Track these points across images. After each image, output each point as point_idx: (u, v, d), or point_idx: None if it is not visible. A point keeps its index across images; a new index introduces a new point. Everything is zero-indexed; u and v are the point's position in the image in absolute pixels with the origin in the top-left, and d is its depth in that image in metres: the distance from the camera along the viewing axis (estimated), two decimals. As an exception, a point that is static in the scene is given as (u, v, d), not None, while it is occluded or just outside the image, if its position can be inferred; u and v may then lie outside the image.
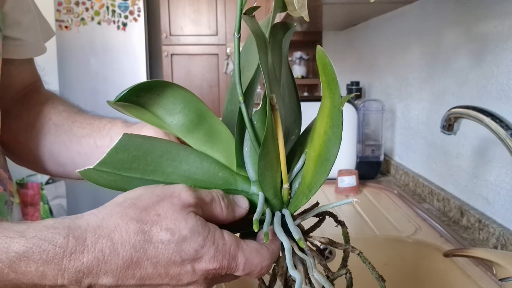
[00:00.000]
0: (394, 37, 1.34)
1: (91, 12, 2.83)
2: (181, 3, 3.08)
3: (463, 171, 0.93)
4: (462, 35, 0.92)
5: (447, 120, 0.66)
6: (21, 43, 0.54)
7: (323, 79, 0.34)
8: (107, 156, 0.34)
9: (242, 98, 0.35)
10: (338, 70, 1.11)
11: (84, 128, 0.53)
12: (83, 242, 0.29)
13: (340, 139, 0.33)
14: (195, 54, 3.15)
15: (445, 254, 0.56)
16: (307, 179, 0.36)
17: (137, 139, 0.36)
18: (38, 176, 3.18)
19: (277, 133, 0.36)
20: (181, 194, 0.33)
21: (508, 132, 0.55)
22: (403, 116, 1.28)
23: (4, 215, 0.50)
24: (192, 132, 0.37)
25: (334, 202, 0.37)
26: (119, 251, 0.30)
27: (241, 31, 0.34)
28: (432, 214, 0.96)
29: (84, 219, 0.31)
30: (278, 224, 0.35)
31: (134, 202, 0.32)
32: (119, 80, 2.89)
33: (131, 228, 0.30)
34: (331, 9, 1.34)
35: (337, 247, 0.38)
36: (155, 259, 0.30)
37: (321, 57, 0.34)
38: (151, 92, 0.35)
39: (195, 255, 0.31)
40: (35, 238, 0.28)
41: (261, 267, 0.33)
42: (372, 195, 1.15)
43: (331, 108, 0.34)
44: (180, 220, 0.31)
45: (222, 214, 0.34)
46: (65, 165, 0.54)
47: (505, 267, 0.49)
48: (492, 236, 0.78)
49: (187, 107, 0.36)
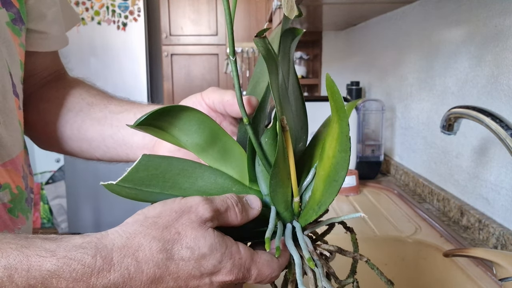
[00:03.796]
0: (394, 37, 1.34)
1: (91, 12, 2.83)
2: (181, 3, 3.08)
3: (463, 171, 0.93)
4: (462, 35, 0.92)
5: (447, 120, 0.66)
6: (45, 36, 0.55)
7: (332, 103, 0.36)
8: (127, 175, 0.37)
9: (247, 120, 0.37)
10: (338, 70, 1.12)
11: (122, 105, 0.55)
12: (110, 261, 0.31)
13: (348, 163, 0.35)
14: (195, 54, 3.15)
15: (445, 254, 0.56)
16: (317, 196, 0.38)
17: (156, 159, 0.39)
18: (38, 176, 3.18)
19: (288, 153, 0.38)
20: (198, 208, 0.34)
21: (508, 132, 0.55)
22: (403, 116, 1.28)
23: (25, 213, 0.50)
24: (206, 151, 0.40)
25: (343, 215, 0.39)
26: (143, 269, 0.32)
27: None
28: (432, 214, 0.96)
29: (109, 239, 0.32)
30: (289, 237, 0.38)
31: (155, 221, 0.34)
32: (119, 80, 2.89)
33: (154, 247, 0.32)
34: (331, 9, 1.34)
35: (345, 255, 0.39)
36: (176, 274, 0.33)
37: (330, 85, 0.36)
38: (168, 115, 0.37)
39: (213, 270, 0.34)
40: (65, 258, 0.30)
41: (270, 277, 0.36)
42: (372, 195, 1.15)
43: (340, 134, 0.36)
44: (200, 238, 0.33)
45: (237, 219, 0.36)
46: (91, 139, 0.55)
47: (505, 267, 0.49)
48: (492, 236, 0.78)
49: (201, 128, 0.39)
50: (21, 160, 0.50)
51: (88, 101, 0.56)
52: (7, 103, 0.47)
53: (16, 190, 0.48)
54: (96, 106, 0.55)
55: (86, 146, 0.56)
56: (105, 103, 0.56)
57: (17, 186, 0.48)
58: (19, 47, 0.50)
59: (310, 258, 0.35)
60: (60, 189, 3.17)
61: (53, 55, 0.60)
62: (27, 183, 0.52)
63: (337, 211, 1.03)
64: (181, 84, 3.16)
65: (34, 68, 0.57)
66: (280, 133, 0.35)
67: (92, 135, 0.55)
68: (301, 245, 0.36)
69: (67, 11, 0.61)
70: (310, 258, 0.35)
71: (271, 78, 0.35)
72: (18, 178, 0.49)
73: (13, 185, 0.48)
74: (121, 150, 0.54)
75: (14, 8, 0.49)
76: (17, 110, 0.49)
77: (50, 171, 3.22)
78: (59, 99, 0.57)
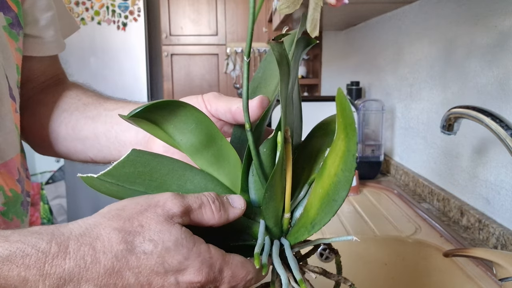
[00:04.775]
0: (394, 37, 1.34)
1: (91, 12, 2.83)
2: (181, 3, 3.08)
3: (463, 171, 0.93)
4: (462, 35, 0.92)
5: (447, 120, 0.66)
6: (40, 41, 0.55)
7: (340, 120, 0.34)
8: (112, 169, 0.35)
9: (249, 126, 0.34)
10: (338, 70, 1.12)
11: (118, 103, 0.53)
12: (66, 249, 0.29)
13: (351, 183, 0.33)
14: (195, 54, 3.15)
15: (445, 254, 0.56)
16: (311, 214, 0.36)
17: (145, 155, 0.36)
18: (38, 176, 3.18)
19: (287, 165, 0.36)
20: (166, 203, 0.32)
21: (508, 132, 0.55)
22: (403, 116, 1.28)
23: (20, 216, 0.49)
24: (200, 153, 0.37)
25: (333, 237, 0.37)
26: (100, 260, 0.30)
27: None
28: (432, 214, 0.96)
29: (68, 228, 0.31)
30: (277, 254, 0.35)
31: (118, 213, 0.32)
32: (119, 80, 2.89)
33: (113, 237, 0.30)
34: (331, 9, 1.34)
35: (329, 278, 0.37)
36: (137, 269, 0.30)
37: (341, 100, 0.33)
38: (164, 110, 0.35)
39: (179, 267, 0.31)
40: (18, 242, 0.29)
41: (245, 280, 0.34)
42: (372, 195, 1.15)
43: (345, 152, 0.33)
44: (164, 232, 0.31)
45: (214, 218, 0.34)
46: (85, 138, 0.53)
47: (505, 267, 0.49)
48: (492, 236, 0.78)
49: (198, 128, 0.36)
50: (16, 163, 0.49)
51: (84, 101, 0.55)
52: (3, 106, 0.46)
53: (9, 193, 0.47)
54: (91, 105, 0.54)
55: (81, 146, 0.55)
56: (100, 101, 0.55)
57: (11, 189, 0.48)
58: (15, 51, 0.50)
59: (301, 280, 0.33)
60: (60, 189, 3.17)
61: (50, 60, 0.59)
62: (23, 187, 0.51)
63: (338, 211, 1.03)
64: (181, 84, 3.16)
65: (31, 73, 0.57)
66: (282, 144, 0.34)
67: (86, 134, 0.53)
68: (291, 265, 0.34)
69: (65, 18, 0.60)
70: (301, 280, 0.33)
71: (282, 85, 0.33)
72: (12, 181, 0.48)
73: (6, 188, 0.47)
74: (114, 147, 0.52)
75: (12, 13, 0.49)
76: (13, 113, 0.49)
77: (50, 171, 3.22)
78: (56, 102, 0.56)
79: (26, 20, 0.52)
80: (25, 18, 0.51)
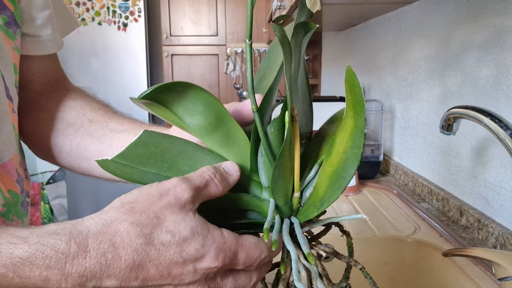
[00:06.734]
0: (394, 37, 1.34)
1: (92, 13, 2.83)
2: (181, 4, 3.08)
3: (463, 171, 0.93)
4: (462, 35, 0.92)
5: (446, 120, 0.66)
6: (37, 40, 0.55)
7: (349, 98, 0.34)
8: (125, 150, 0.36)
9: (255, 107, 0.35)
10: (337, 70, 1.12)
11: (123, 124, 0.53)
12: (85, 248, 0.30)
13: (359, 160, 0.34)
14: (195, 54, 3.16)
15: (445, 254, 0.56)
16: (320, 192, 0.36)
17: (157, 136, 0.37)
18: (39, 176, 3.18)
19: (295, 144, 0.36)
20: (176, 190, 0.33)
21: (507, 132, 0.55)
22: (402, 116, 1.28)
23: (20, 217, 0.49)
24: (210, 134, 0.38)
25: (343, 216, 0.37)
26: (121, 255, 0.30)
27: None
28: (431, 214, 0.96)
29: (84, 225, 0.31)
30: (287, 232, 0.36)
31: (132, 206, 0.32)
32: (120, 80, 2.89)
33: (132, 232, 0.31)
34: (331, 9, 1.34)
35: (340, 259, 0.38)
36: (157, 261, 0.31)
37: (350, 77, 0.34)
38: (174, 91, 0.35)
39: (196, 255, 0.32)
40: (38, 244, 0.29)
41: (259, 260, 0.34)
42: (372, 194, 1.16)
43: (354, 129, 0.34)
44: (180, 221, 0.32)
45: (218, 190, 0.35)
46: (91, 157, 0.53)
47: (504, 267, 0.49)
48: (491, 236, 0.79)
49: (207, 110, 0.37)
50: (14, 164, 0.49)
51: (89, 117, 0.55)
52: (0, 106, 0.46)
53: (8, 194, 0.47)
54: (97, 123, 0.54)
55: (85, 164, 0.55)
56: (106, 120, 0.54)
57: (9, 190, 0.48)
58: (12, 50, 0.49)
59: (309, 254, 0.33)
60: (61, 189, 3.17)
61: (49, 60, 0.59)
62: (23, 187, 0.51)
63: (337, 210, 1.03)
64: (181, 84, 3.16)
65: (30, 73, 0.56)
66: (289, 123, 0.34)
67: (92, 154, 0.53)
68: (300, 241, 0.35)
69: (64, 16, 0.60)
70: (309, 254, 0.33)
71: (286, 65, 0.34)
72: (11, 182, 0.48)
73: (4, 189, 0.47)
74: None
75: (8, 11, 0.48)
76: (10, 113, 0.48)
77: (51, 171, 3.22)
78: (60, 112, 0.55)
79: (22, 18, 0.51)
80: (21, 16, 0.51)
